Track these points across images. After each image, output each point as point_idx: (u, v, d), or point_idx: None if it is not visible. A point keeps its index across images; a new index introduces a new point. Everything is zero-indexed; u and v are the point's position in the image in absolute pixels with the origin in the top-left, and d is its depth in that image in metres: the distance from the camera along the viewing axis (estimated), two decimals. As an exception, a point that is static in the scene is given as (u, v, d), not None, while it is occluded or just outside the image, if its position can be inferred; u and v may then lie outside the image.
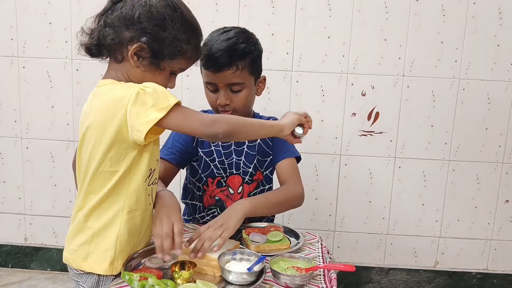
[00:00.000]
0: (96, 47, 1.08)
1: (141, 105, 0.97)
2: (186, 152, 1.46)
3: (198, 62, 1.36)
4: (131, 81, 1.07)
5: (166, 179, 1.41)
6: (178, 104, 1.00)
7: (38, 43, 2.08)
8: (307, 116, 1.26)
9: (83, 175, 1.08)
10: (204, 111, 1.54)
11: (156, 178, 1.14)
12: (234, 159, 1.47)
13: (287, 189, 1.41)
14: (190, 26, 1.09)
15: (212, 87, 1.38)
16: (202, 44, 1.15)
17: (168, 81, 1.11)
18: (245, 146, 1.47)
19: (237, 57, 1.33)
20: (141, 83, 1.06)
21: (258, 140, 1.48)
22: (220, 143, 1.46)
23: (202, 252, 1.09)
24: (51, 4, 2.04)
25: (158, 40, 1.04)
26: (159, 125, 0.99)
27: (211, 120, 1.02)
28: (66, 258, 1.12)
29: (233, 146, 1.46)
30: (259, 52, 1.42)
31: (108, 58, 1.11)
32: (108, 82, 1.07)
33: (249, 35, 1.41)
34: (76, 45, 1.10)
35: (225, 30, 1.38)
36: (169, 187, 1.47)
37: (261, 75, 1.45)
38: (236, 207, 1.23)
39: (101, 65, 1.12)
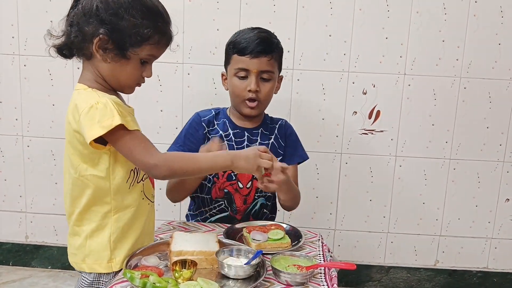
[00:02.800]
0: (66, 47, 1.08)
1: (89, 119, 0.98)
2: (197, 150, 1.47)
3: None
4: (102, 77, 1.07)
5: None
6: (127, 127, 0.99)
7: (39, 41, 2.05)
8: (268, 154, 1.18)
9: (67, 180, 1.10)
10: (207, 111, 1.54)
11: (144, 174, 1.14)
12: None
13: (298, 190, 1.52)
14: (150, 10, 1.06)
15: (243, 74, 1.43)
16: (170, 27, 1.11)
17: (143, 71, 1.10)
18: (257, 143, 1.51)
19: (272, 48, 1.44)
20: (112, 76, 1.07)
21: (272, 140, 1.53)
22: (233, 137, 1.50)
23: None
24: (52, 2, 2.04)
25: (117, 30, 1.03)
26: (109, 141, 1.01)
27: (154, 163, 1.01)
28: (70, 261, 1.15)
29: (245, 142, 1.50)
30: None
31: (81, 59, 1.10)
32: (80, 87, 1.07)
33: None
34: (46, 48, 1.10)
35: (254, 28, 1.48)
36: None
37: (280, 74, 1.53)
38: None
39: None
